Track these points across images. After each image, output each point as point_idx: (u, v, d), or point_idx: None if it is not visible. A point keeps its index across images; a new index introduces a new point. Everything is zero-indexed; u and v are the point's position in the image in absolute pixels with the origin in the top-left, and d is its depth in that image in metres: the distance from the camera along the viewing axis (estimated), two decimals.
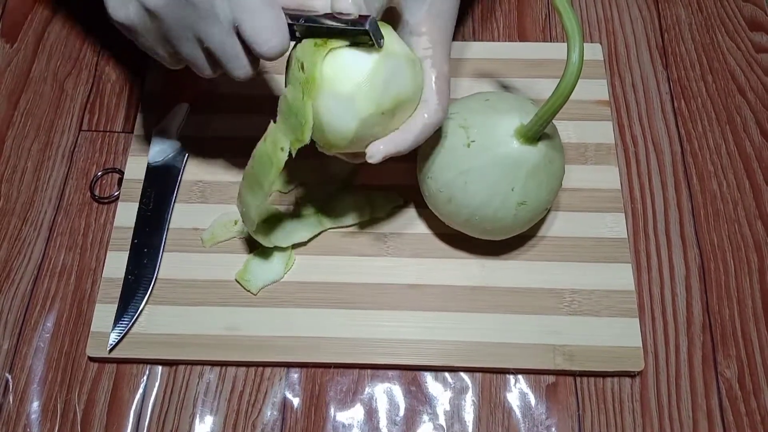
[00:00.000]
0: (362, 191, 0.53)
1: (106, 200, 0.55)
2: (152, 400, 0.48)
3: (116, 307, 0.49)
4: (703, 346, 0.50)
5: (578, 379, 0.48)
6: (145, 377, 0.49)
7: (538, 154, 0.44)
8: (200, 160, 0.55)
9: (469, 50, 0.60)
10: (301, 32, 0.40)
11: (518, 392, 0.48)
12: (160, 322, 0.49)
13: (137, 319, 0.49)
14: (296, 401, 0.48)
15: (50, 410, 0.47)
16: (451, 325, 0.49)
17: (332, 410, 0.48)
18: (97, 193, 0.55)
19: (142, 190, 0.53)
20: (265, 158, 0.42)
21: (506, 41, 0.62)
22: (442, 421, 0.47)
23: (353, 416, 0.47)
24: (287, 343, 0.48)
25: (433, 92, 0.42)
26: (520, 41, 0.63)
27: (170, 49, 0.41)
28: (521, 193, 0.44)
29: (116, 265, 0.51)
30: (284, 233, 0.51)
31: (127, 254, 0.51)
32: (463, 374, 0.49)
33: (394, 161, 0.54)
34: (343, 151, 0.43)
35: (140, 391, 0.48)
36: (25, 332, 0.50)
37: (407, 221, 0.53)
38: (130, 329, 0.48)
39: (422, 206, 0.52)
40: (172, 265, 0.51)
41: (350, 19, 0.38)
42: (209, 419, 0.47)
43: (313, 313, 0.49)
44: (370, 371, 0.49)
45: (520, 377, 0.49)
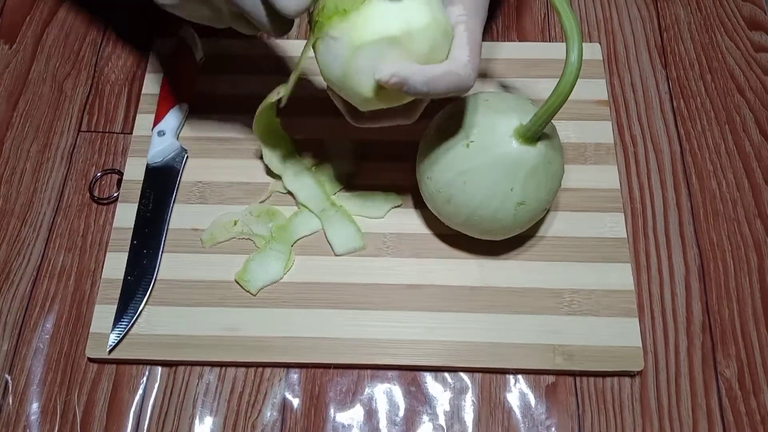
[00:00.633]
0: (361, 191, 0.53)
1: (105, 201, 0.55)
2: (152, 400, 0.48)
3: (115, 308, 0.49)
4: (702, 345, 0.50)
5: (578, 378, 0.48)
6: (144, 378, 0.49)
7: (537, 154, 0.44)
8: (200, 160, 0.55)
9: None
10: None
11: (518, 392, 0.48)
12: (159, 322, 0.49)
13: (137, 320, 0.49)
14: (296, 402, 0.48)
15: (50, 411, 0.47)
16: (450, 325, 0.49)
17: (332, 411, 0.48)
18: (96, 194, 0.55)
19: (141, 190, 0.53)
20: None
21: (505, 41, 0.62)
22: (441, 421, 0.47)
23: (353, 417, 0.47)
24: (287, 343, 0.48)
25: (465, 50, 0.40)
26: (519, 41, 0.62)
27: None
28: (520, 193, 0.44)
29: (116, 266, 0.51)
30: (285, 234, 0.51)
31: (125, 255, 0.51)
32: (462, 374, 0.49)
33: (392, 161, 0.55)
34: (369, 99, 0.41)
35: (140, 392, 0.48)
36: (24, 333, 0.50)
37: (406, 221, 0.53)
38: (129, 330, 0.48)
39: (421, 206, 0.52)
40: (171, 265, 0.51)
41: None
42: (209, 420, 0.47)
43: (312, 313, 0.49)
44: (369, 371, 0.49)
45: (519, 377, 0.49)
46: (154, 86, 0.59)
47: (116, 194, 0.54)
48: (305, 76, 0.57)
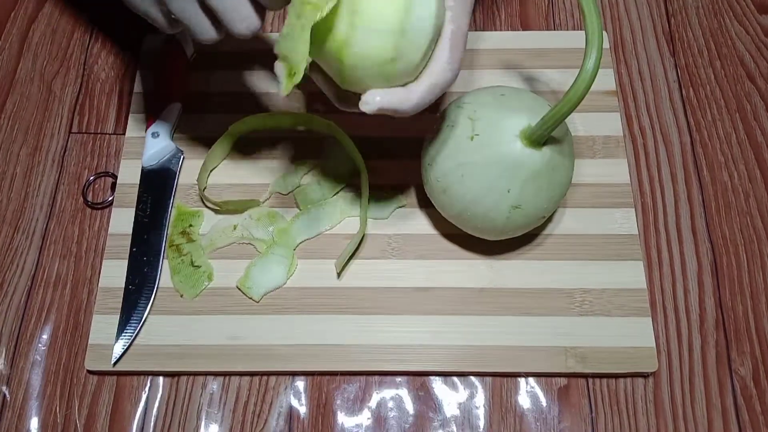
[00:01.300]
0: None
1: (99, 206, 0.53)
2: (155, 412, 0.47)
3: (113, 317, 0.48)
4: (716, 343, 0.49)
5: (590, 380, 0.47)
6: (146, 389, 0.47)
7: (540, 159, 0.42)
8: (196, 161, 0.53)
9: (469, 41, 0.58)
10: None
11: (530, 395, 0.47)
12: (160, 332, 0.48)
13: (140, 330, 0.47)
14: (303, 410, 0.47)
15: (50, 425, 0.46)
16: (459, 329, 0.47)
17: (340, 419, 0.47)
18: (90, 198, 0.53)
19: (137, 195, 0.51)
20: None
21: (508, 30, 0.60)
22: (452, 426, 0.46)
23: (361, 424, 0.46)
24: (292, 351, 0.47)
25: (446, 48, 0.38)
26: (522, 30, 0.60)
27: (163, 6, 0.38)
28: (517, 196, 0.43)
29: (112, 273, 0.49)
30: (287, 237, 0.50)
31: (122, 262, 0.50)
32: (473, 378, 0.48)
33: (397, 159, 0.53)
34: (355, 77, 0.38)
35: (142, 403, 0.47)
36: (21, 345, 0.49)
37: (412, 222, 0.51)
38: (133, 341, 0.47)
39: (426, 206, 0.51)
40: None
41: None
42: (214, 431, 0.46)
43: (317, 319, 0.48)
44: (377, 377, 0.48)
45: (531, 380, 0.47)
46: (145, 84, 0.56)
47: (111, 198, 0.53)
48: None
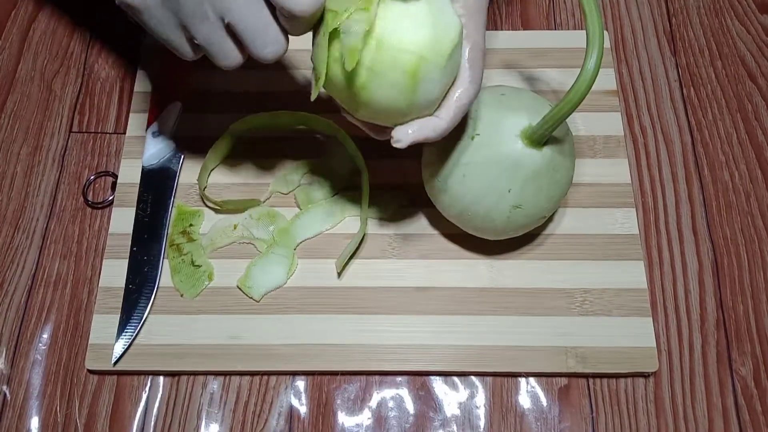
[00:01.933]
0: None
1: (99, 205, 0.53)
2: (155, 411, 0.47)
3: (114, 317, 0.48)
4: (717, 343, 0.49)
5: (591, 380, 0.47)
6: (147, 388, 0.47)
7: (541, 159, 0.42)
8: (197, 161, 0.53)
9: None
10: None
11: (530, 395, 0.47)
12: (161, 332, 0.47)
13: (140, 330, 0.47)
14: (303, 410, 0.47)
15: (50, 425, 0.46)
16: (460, 328, 0.47)
17: (340, 418, 0.46)
18: (90, 198, 0.53)
19: (138, 195, 0.51)
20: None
21: (509, 29, 0.60)
22: (453, 426, 0.46)
23: (362, 424, 0.46)
24: (292, 350, 0.47)
25: (466, 67, 0.38)
26: (523, 29, 0.60)
27: (186, 33, 0.38)
28: (517, 196, 0.43)
29: (113, 273, 0.49)
30: (287, 237, 0.50)
31: (123, 261, 0.49)
32: (473, 378, 0.48)
33: (398, 158, 0.53)
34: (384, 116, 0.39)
35: (142, 403, 0.47)
36: (21, 345, 0.49)
37: (412, 222, 0.51)
38: (133, 341, 0.47)
39: (427, 206, 0.51)
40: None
41: None
42: (214, 430, 0.46)
43: (317, 319, 0.48)
44: (377, 377, 0.48)
45: (531, 380, 0.47)
46: (146, 83, 0.56)
47: (111, 198, 0.53)
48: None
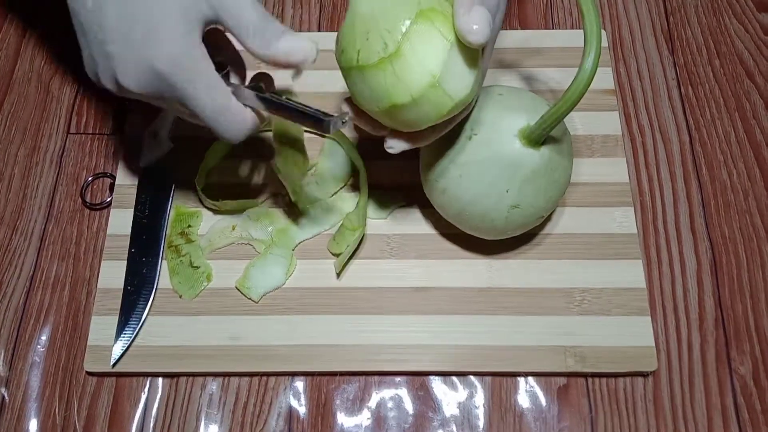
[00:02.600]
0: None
1: (98, 207, 0.53)
2: (154, 413, 0.47)
3: (112, 318, 0.48)
4: (716, 342, 0.49)
5: (590, 380, 0.47)
6: (145, 390, 0.47)
7: (539, 159, 0.42)
8: (195, 162, 0.53)
9: None
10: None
11: (529, 395, 0.47)
12: (159, 333, 0.47)
13: (139, 331, 0.47)
14: (302, 410, 0.47)
15: (49, 427, 0.46)
16: (458, 328, 0.47)
17: (339, 419, 0.46)
18: (88, 199, 0.53)
19: (136, 196, 0.51)
20: None
21: (507, 29, 0.60)
22: (452, 426, 0.46)
23: (361, 424, 0.46)
24: (291, 351, 0.47)
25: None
26: (521, 29, 0.60)
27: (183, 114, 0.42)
28: (516, 196, 0.43)
29: (111, 274, 0.49)
30: (286, 237, 0.50)
31: (121, 263, 0.49)
32: (472, 378, 0.48)
33: (396, 159, 0.53)
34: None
35: (141, 404, 0.47)
36: (19, 347, 0.49)
37: (411, 222, 0.51)
38: (132, 342, 0.47)
39: (425, 206, 0.51)
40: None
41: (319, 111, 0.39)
42: (214, 431, 0.46)
43: (316, 319, 0.48)
44: (376, 377, 0.48)
45: (530, 379, 0.47)
46: None
47: (109, 199, 0.53)
48: None
